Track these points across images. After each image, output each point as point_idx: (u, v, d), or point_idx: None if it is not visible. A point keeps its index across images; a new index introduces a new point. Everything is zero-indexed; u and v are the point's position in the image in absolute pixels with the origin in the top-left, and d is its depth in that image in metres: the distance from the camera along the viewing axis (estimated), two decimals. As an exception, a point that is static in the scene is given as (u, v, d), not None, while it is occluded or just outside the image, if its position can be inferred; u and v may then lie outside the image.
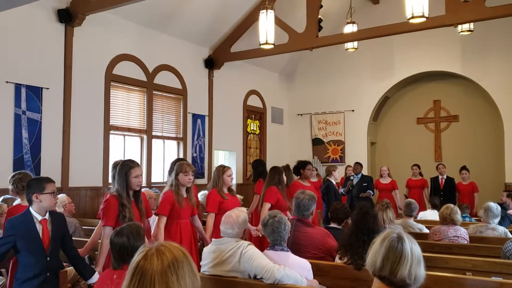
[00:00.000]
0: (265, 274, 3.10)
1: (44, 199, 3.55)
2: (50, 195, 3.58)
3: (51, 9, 7.29)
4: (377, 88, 12.12)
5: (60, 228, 3.70)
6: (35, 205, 3.56)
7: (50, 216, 3.66)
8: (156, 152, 9.23)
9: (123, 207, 4.01)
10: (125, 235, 2.90)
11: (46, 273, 3.52)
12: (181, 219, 4.66)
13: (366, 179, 9.16)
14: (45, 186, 3.57)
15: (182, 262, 1.56)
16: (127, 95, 8.65)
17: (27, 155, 6.85)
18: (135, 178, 4.09)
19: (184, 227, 4.68)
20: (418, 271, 2.04)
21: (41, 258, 3.51)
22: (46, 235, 3.56)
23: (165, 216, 4.55)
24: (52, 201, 3.62)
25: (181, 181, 4.66)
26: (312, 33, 9.15)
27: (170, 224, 4.59)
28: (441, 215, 5.09)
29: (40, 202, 3.55)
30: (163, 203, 4.59)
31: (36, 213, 3.56)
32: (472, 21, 8.19)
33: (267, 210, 5.60)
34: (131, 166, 4.13)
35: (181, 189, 4.69)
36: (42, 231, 3.55)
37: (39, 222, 3.56)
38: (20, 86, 6.83)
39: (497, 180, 10.80)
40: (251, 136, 12.00)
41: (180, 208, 4.61)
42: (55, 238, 3.62)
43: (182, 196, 4.68)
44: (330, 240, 4.09)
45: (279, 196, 5.80)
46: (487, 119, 11.53)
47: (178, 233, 4.59)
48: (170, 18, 9.07)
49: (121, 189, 4.06)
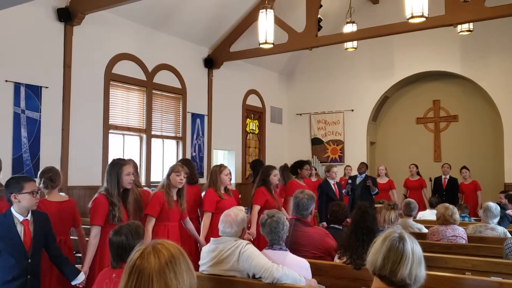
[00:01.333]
0: (263, 273, 3.10)
1: (23, 199, 3.44)
2: (29, 194, 3.46)
3: (50, 8, 7.28)
4: (377, 88, 12.11)
5: (43, 228, 3.58)
6: (15, 206, 3.46)
7: (33, 216, 3.55)
8: (155, 151, 9.23)
9: (113, 206, 3.95)
10: (124, 234, 2.88)
11: (26, 275, 3.42)
12: (169, 222, 4.54)
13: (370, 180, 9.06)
14: (23, 186, 3.45)
15: (179, 259, 1.57)
16: (127, 94, 8.64)
17: (26, 154, 6.84)
18: (127, 175, 4.07)
19: (172, 230, 4.55)
20: (418, 271, 2.04)
21: (22, 259, 3.41)
22: (27, 236, 3.46)
23: (153, 217, 4.43)
24: (31, 201, 3.49)
25: (173, 181, 4.55)
26: (311, 32, 9.15)
27: (158, 226, 4.44)
28: (441, 216, 5.06)
29: (19, 202, 3.45)
30: (153, 203, 4.47)
31: (17, 214, 3.46)
32: (472, 21, 8.19)
33: (256, 212, 5.59)
34: (123, 164, 4.10)
35: (172, 190, 4.58)
36: (23, 232, 3.45)
37: (20, 223, 3.46)
38: (19, 85, 6.82)
39: (496, 180, 10.80)
40: (250, 135, 11.99)
41: (169, 209, 4.49)
42: (37, 239, 3.51)
43: (172, 197, 4.56)
44: (329, 239, 4.09)
45: (268, 197, 5.72)
46: (486, 119, 11.53)
47: (165, 236, 4.40)
48: (169, 17, 9.07)
49: (112, 188, 4.01)
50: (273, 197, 5.81)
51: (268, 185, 5.82)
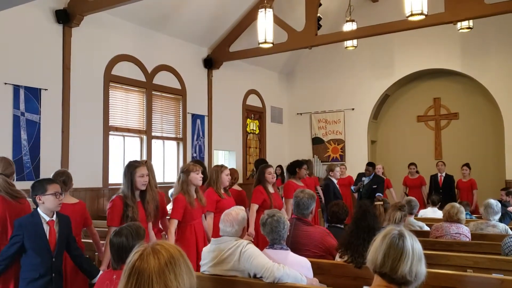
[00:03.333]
0: (264, 273, 3.09)
1: (46, 200, 3.63)
2: (53, 196, 3.64)
3: (48, 10, 7.27)
4: (377, 86, 12.09)
5: (66, 229, 3.78)
6: (41, 207, 3.65)
7: (58, 217, 3.74)
8: (156, 152, 9.22)
9: (127, 207, 4.10)
10: (124, 235, 2.89)
11: (51, 273, 3.59)
12: (194, 220, 4.70)
13: (377, 180, 9.02)
14: (47, 188, 3.65)
15: (178, 260, 1.55)
16: (126, 95, 8.63)
17: (26, 157, 6.83)
18: (140, 177, 4.19)
19: (198, 228, 4.74)
20: (419, 268, 2.04)
21: (47, 258, 3.58)
22: (52, 236, 3.65)
23: (177, 220, 4.57)
24: (54, 202, 3.66)
25: (193, 181, 4.70)
26: (311, 31, 9.13)
27: (184, 227, 4.62)
28: (447, 214, 5.07)
29: (43, 204, 3.63)
30: (176, 207, 4.62)
31: (43, 214, 3.65)
32: (471, 18, 8.16)
33: (255, 211, 5.63)
34: (136, 166, 4.24)
35: (191, 190, 4.72)
36: (49, 231, 3.64)
37: (46, 223, 3.65)
38: (18, 87, 6.81)
39: (497, 177, 10.78)
40: (250, 135, 11.98)
41: (192, 209, 4.65)
42: (61, 239, 3.70)
43: (193, 197, 4.72)
44: (330, 238, 4.09)
45: (265, 197, 5.76)
46: (487, 116, 11.51)
47: (193, 235, 4.64)
48: (168, 18, 9.06)
49: (126, 189, 4.16)
50: (270, 196, 5.82)
51: (265, 184, 5.84)
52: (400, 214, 4.53)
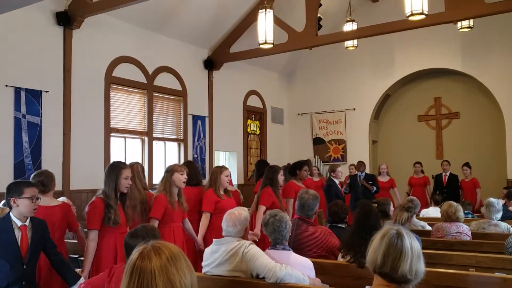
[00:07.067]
0: (267, 273, 3.09)
1: (21, 203, 3.41)
2: (29, 200, 3.43)
3: (49, 12, 7.28)
4: (378, 86, 12.10)
5: (41, 235, 3.54)
6: (14, 210, 3.44)
7: (32, 222, 3.51)
8: (157, 154, 9.24)
9: (109, 208, 3.90)
10: (141, 236, 2.75)
11: (21, 281, 3.37)
12: (174, 223, 4.55)
13: (370, 177, 9.13)
14: (23, 190, 3.43)
15: (179, 256, 1.58)
16: (127, 97, 8.64)
17: (27, 159, 6.84)
18: (125, 179, 4.03)
19: (177, 231, 4.58)
20: (418, 266, 2.06)
21: (17, 265, 3.36)
22: (24, 242, 3.42)
23: (157, 220, 4.42)
24: (29, 207, 3.45)
25: (177, 182, 4.57)
26: (311, 32, 9.14)
27: (163, 228, 4.41)
28: (445, 213, 5.06)
29: (17, 207, 3.42)
30: (156, 206, 4.46)
31: (16, 219, 3.43)
32: (472, 17, 8.17)
33: (262, 213, 5.54)
34: (122, 167, 4.06)
35: (174, 191, 4.60)
36: (20, 237, 3.41)
37: (18, 228, 3.42)
38: (19, 89, 6.82)
39: (499, 176, 10.77)
40: (251, 136, 11.98)
41: (173, 210, 4.50)
42: (35, 245, 3.47)
43: (174, 198, 4.59)
44: (332, 238, 4.09)
45: (274, 199, 5.65)
46: (488, 115, 11.50)
47: (171, 237, 4.45)
48: (168, 19, 9.07)
49: (109, 190, 3.96)
50: (279, 199, 5.76)
51: (275, 186, 5.77)
52: (407, 215, 4.52)
